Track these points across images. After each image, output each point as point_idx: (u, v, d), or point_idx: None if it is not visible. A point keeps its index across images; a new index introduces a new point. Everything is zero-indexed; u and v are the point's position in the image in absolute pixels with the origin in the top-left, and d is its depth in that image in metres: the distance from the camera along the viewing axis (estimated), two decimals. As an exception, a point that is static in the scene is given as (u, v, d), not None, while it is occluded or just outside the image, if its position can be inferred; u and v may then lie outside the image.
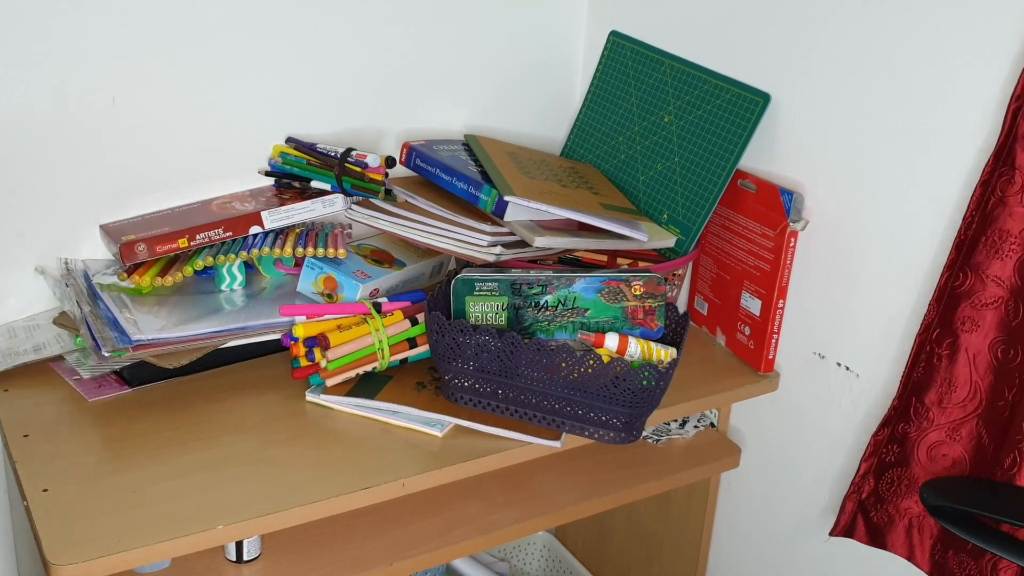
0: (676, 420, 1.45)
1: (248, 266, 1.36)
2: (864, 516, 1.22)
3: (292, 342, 1.20)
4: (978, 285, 1.05)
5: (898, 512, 1.18)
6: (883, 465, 1.19)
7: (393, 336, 1.22)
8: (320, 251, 1.29)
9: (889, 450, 1.18)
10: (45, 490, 1.01)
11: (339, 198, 1.35)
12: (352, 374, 1.20)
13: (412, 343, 1.24)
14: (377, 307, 1.24)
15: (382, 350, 1.21)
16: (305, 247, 1.30)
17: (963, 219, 1.06)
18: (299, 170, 1.37)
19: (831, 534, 1.25)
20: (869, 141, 1.18)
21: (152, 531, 0.97)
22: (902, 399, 1.15)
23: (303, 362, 1.20)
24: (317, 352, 1.18)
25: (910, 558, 1.18)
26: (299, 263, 1.36)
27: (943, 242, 1.11)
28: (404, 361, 1.25)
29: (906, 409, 1.15)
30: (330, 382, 1.19)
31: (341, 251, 1.30)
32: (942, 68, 1.09)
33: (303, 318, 1.22)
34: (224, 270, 1.32)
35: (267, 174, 1.40)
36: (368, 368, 1.21)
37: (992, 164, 1.02)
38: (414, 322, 1.24)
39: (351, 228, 1.42)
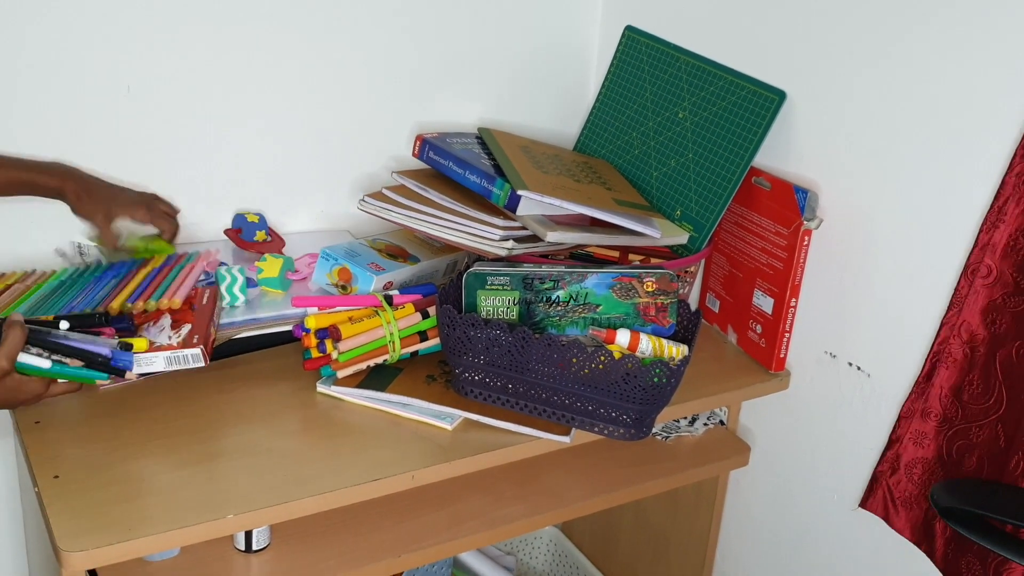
0: (686, 417, 1.45)
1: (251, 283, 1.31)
2: (889, 494, 1.21)
3: (303, 333, 1.20)
4: (1000, 286, 1.05)
5: (919, 501, 1.17)
6: (908, 449, 1.18)
7: (404, 329, 1.22)
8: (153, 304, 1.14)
9: (915, 437, 1.17)
10: (56, 477, 1.01)
11: None
12: (363, 366, 1.20)
13: (423, 336, 1.24)
14: (388, 300, 1.24)
15: (393, 343, 1.21)
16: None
17: (985, 218, 1.05)
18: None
19: (860, 505, 1.24)
20: (886, 139, 1.18)
21: (162, 519, 0.97)
22: (925, 383, 1.14)
23: (314, 353, 1.20)
24: (328, 343, 1.18)
25: (929, 553, 1.17)
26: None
27: (960, 242, 1.11)
28: (415, 354, 1.25)
29: (927, 399, 1.14)
30: (341, 373, 1.19)
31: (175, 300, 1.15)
32: (962, 65, 1.08)
33: (315, 309, 1.22)
34: (223, 288, 1.26)
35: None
36: (379, 360, 1.21)
37: (1020, 162, 1.01)
38: (425, 315, 1.24)
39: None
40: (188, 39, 1.29)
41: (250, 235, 1.39)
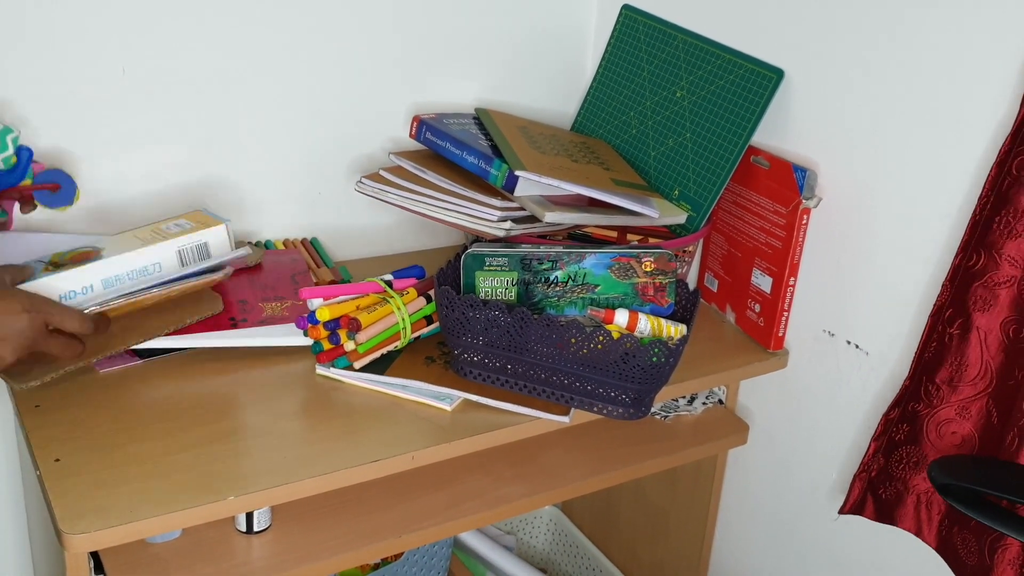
0: (684, 397, 1.45)
1: None
2: (873, 494, 1.22)
3: (311, 325, 1.17)
4: (992, 265, 1.05)
5: (907, 488, 1.18)
6: (893, 444, 1.19)
7: (413, 314, 1.21)
8: None
9: (899, 429, 1.18)
10: (57, 460, 1.01)
11: None
12: (378, 355, 1.19)
13: (429, 320, 1.23)
14: (388, 284, 1.24)
15: (405, 329, 1.20)
16: None
17: (979, 198, 1.06)
18: None
19: (840, 512, 1.26)
20: (884, 118, 1.18)
21: (163, 502, 0.97)
22: (913, 379, 1.15)
23: (326, 345, 1.17)
24: (342, 334, 1.16)
25: (918, 534, 1.18)
26: None
27: (957, 221, 1.11)
28: (417, 338, 1.25)
29: (917, 389, 1.15)
30: (358, 364, 1.17)
31: None
32: (960, 46, 1.08)
33: (320, 300, 1.19)
34: None
35: None
36: (391, 348, 1.20)
37: (1009, 143, 1.02)
38: (428, 299, 1.24)
39: None
40: (182, 19, 1.29)
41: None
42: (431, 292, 1.24)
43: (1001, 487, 1.04)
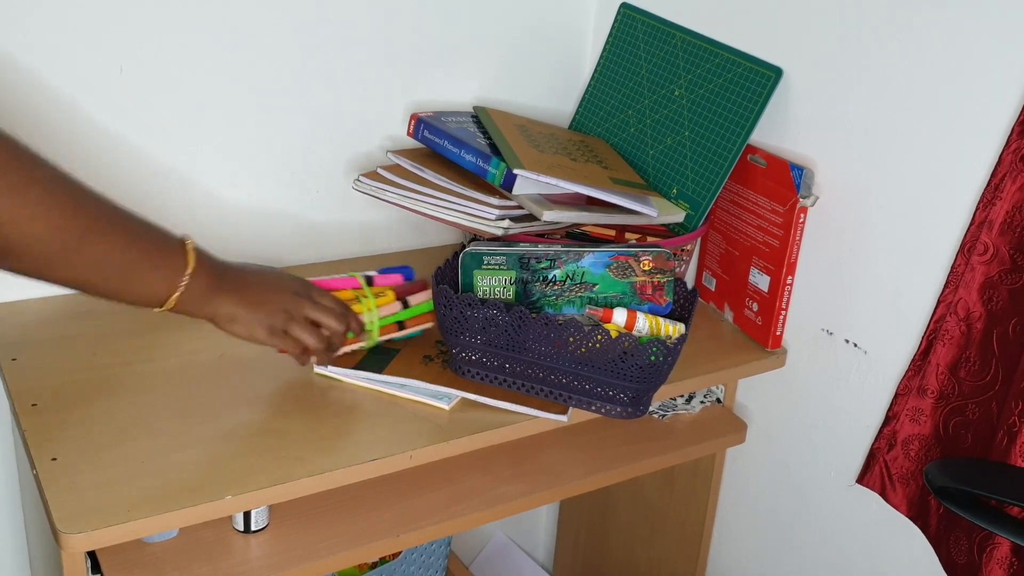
0: (682, 395, 1.45)
1: None
2: (886, 471, 1.22)
3: None
4: (996, 263, 1.05)
5: (916, 477, 1.18)
6: (905, 426, 1.18)
7: (385, 317, 1.20)
8: None
9: (912, 414, 1.17)
10: (54, 459, 1.01)
11: None
12: (343, 352, 1.18)
13: (400, 325, 1.22)
14: (369, 280, 1.22)
15: (372, 332, 1.20)
16: None
17: (981, 196, 1.05)
18: None
19: (857, 481, 1.25)
20: (883, 116, 1.17)
21: (161, 501, 0.97)
22: (922, 361, 1.15)
23: None
24: None
25: (924, 528, 1.18)
26: None
27: (957, 219, 1.11)
28: (389, 341, 1.23)
29: (924, 376, 1.14)
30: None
31: None
32: (960, 42, 1.07)
33: None
34: None
35: None
36: (355, 347, 1.20)
37: (1014, 140, 1.01)
38: (405, 304, 1.23)
39: None
40: (178, 18, 1.28)
41: None
42: (409, 297, 1.23)
43: (998, 490, 1.03)
